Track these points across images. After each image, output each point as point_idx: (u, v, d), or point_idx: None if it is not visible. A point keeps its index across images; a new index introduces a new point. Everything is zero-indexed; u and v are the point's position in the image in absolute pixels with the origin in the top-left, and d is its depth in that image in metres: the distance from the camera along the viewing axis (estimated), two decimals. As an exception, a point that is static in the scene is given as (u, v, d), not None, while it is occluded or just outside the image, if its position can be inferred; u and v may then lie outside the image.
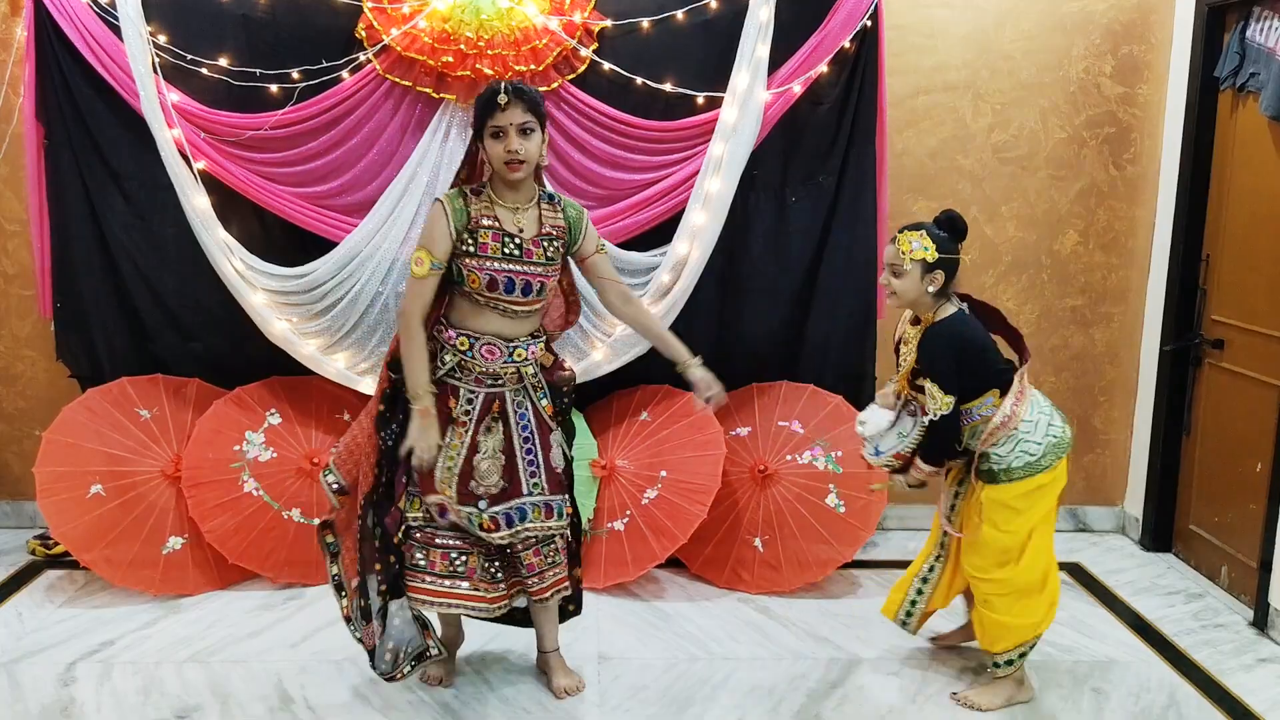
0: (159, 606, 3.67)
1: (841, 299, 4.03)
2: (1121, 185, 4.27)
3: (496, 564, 3.03)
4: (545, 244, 2.90)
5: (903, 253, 2.91)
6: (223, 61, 3.74)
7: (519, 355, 2.92)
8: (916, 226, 2.95)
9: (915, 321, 3.05)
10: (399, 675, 2.97)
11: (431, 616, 3.07)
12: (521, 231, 2.86)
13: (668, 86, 3.82)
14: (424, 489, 2.92)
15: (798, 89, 3.82)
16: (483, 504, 2.93)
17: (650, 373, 4.03)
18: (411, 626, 2.98)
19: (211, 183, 3.74)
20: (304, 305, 3.83)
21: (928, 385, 2.92)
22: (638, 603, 3.77)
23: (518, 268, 2.85)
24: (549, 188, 2.98)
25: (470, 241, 2.82)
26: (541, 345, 3.00)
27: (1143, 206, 4.28)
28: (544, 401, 3.00)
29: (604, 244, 3.08)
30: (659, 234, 3.90)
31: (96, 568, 3.67)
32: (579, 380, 3.90)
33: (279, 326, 3.80)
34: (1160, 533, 4.29)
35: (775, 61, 3.80)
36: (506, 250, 2.84)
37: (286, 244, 3.86)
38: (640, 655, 3.39)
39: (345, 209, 3.84)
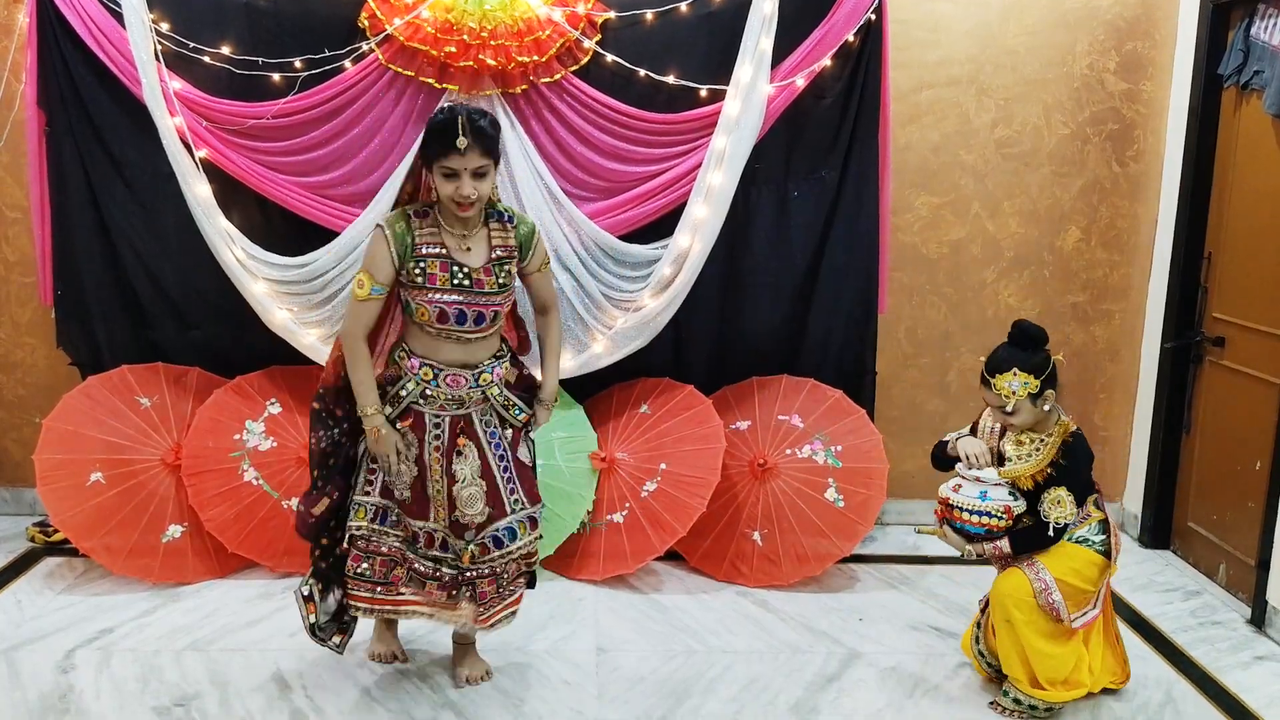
0: (158, 594, 3.68)
1: (843, 294, 4.03)
2: (1124, 182, 4.27)
3: (445, 574, 2.97)
4: (496, 270, 2.82)
5: (1005, 398, 2.88)
6: (225, 50, 3.73)
7: (484, 380, 2.88)
8: (1004, 364, 2.89)
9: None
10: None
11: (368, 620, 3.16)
12: (470, 259, 2.80)
13: (671, 79, 3.81)
14: (412, 514, 2.92)
15: (801, 83, 3.81)
16: (469, 534, 2.91)
17: (650, 366, 4.03)
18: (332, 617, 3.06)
19: (213, 171, 3.73)
20: (305, 295, 3.83)
21: (1059, 493, 2.91)
22: (636, 595, 3.77)
23: (468, 298, 2.78)
24: (499, 203, 2.92)
25: (418, 272, 2.76)
26: (506, 364, 2.96)
27: (1145, 204, 4.28)
28: (517, 414, 2.97)
29: (548, 261, 3.03)
30: (661, 227, 3.89)
31: (96, 555, 3.67)
32: (579, 373, 3.92)
33: (280, 316, 3.80)
34: (1159, 530, 4.30)
35: (779, 55, 3.79)
36: (456, 280, 2.77)
37: (288, 233, 3.86)
38: (638, 647, 3.39)
39: (347, 199, 3.84)
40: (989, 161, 4.22)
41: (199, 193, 3.70)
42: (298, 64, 3.73)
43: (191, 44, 3.70)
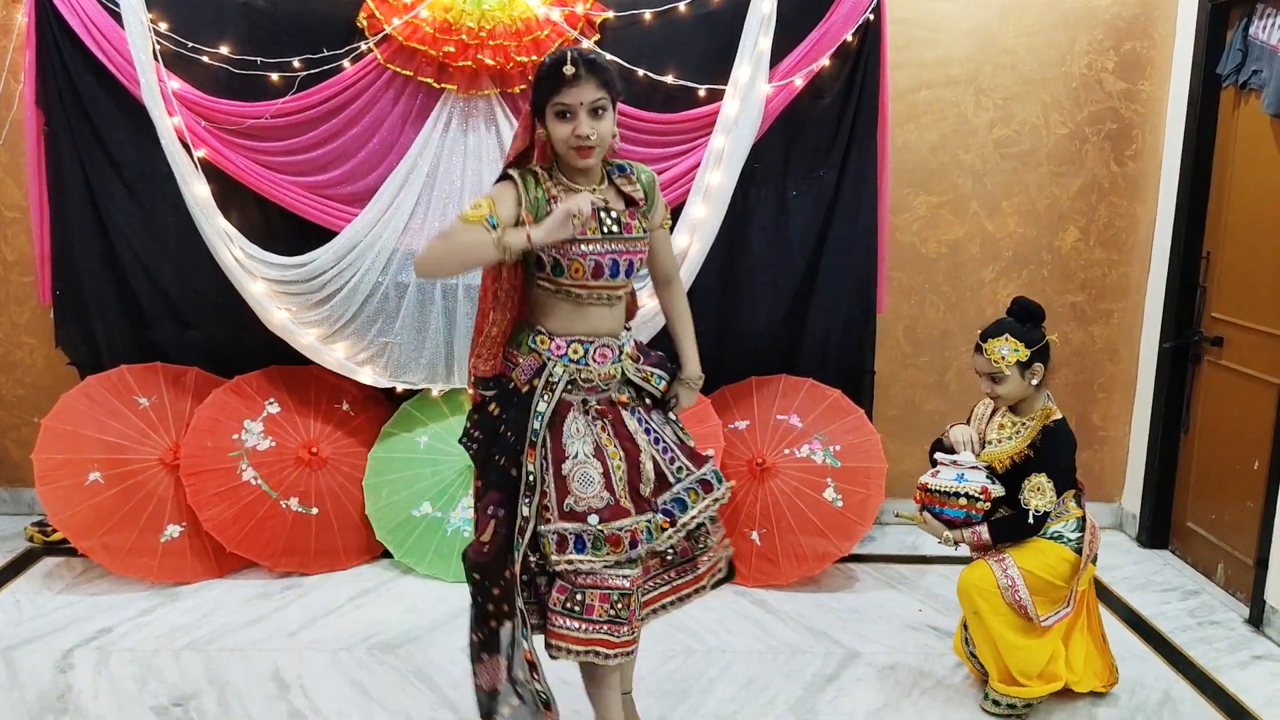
0: (157, 594, 3.68)
1: (841, 293, 4.03)
2: (1123, 181, 4.27)
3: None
4: (639, 214, 2.50)
5: (994, 362, 2.90)
6: (224, 49, 3.73)
7: (625, 353, 2.54)
8: (996, 330, 2.92)
9: (1011, 409, 3.04)
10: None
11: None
12: (609, 205, 2.45)
13: (669, 78, 3.81)
14: (614, 516, 2.44)
15: (799, 82, 3.81)
16: (654, 504, 2.53)
17: (649, 365, 4.03)
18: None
19: (212, 171, 3.73)
20: (303, 294, 3.83)
21: (1039, 480, 2.91)
22: (635, 595, 3.77)
23: (621, 246, 2.43)
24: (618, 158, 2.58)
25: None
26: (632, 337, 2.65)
27: (1144, 203, 4.28)
28: (658, 382, 2.62)
29: (669, 218, 2.68)
30: (659, 226, 3.89)
31: (94, 555, 3.67)
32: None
33: (278, 315, 3.80)
34: (1157, 529, 4.30)
35: (777, 54, 3.79)
36: (607, 229, 2.42)
37: (286, 233, 3.86)
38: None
39: (345, 198, 3.84)
40: (987, 161, 4.22)
41: (197, 192, 3.70)
42: (296, 64, 3.73)
43: (190, 44, 3.70)
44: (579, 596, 2.44)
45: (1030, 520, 2.91)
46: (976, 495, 2.94)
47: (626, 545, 2.44)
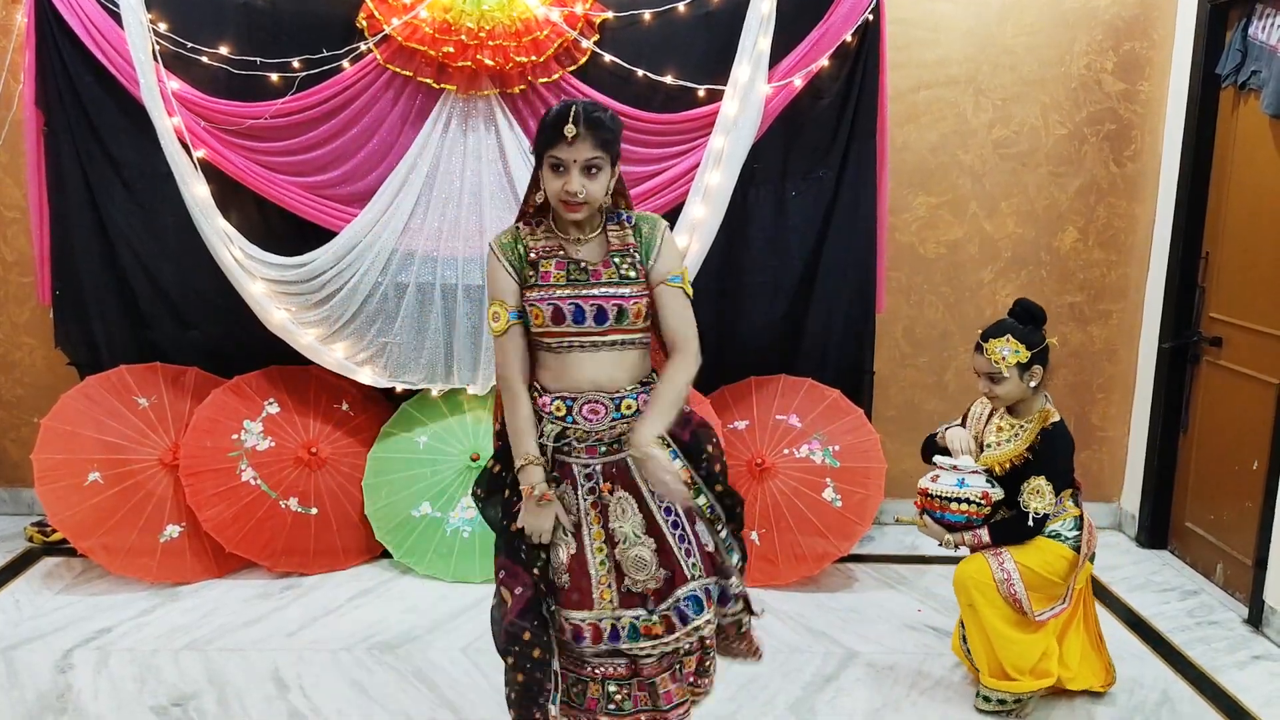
0: (156, 594, 3.68)
1: (841, 293, 4.04)
2: (1122, 182, 4.27)
3: (623, 691, 2.46)
4: (616, 260, 2.38)
5: (995, 362, 2.91)
6: (223, 50, 3.73)
7: (626, 408, 2.36)
8: (998, 330, 2.94)
9: (1009, 410, 3.04)
10: None
11: None
12: (585, 251, 2.39)
13: (669, 79, 3.81)
14: (567, 603, 2.38)
15: (799, 83, 3.81)
16: (650, 602, 2.38)
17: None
18: None
19: (211, 171, 3.74)
20: (303, 295, 3.83)
21: (1038, 482, 2.92)
22: (634, 595, 3.77)
23: (584, 291, 2.34)
24: (622, 206, 2.49)
25: (532, 275, 2.36)
26: None
27: (1143, 203, 4.28)
28: (674, 455, 2.40)
29: (680, 272, 2.42)
30: (658, 227, 3.89)
31: (94, 555, 3.67)
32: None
33: (278, 316, 3.80)
34: (1156, 530, 4.30)
35: (776, 55, 3.79)
36: (571, 276, 2.36)
37: (286, 233, 3.87)
38: (636, 647, 3.39)
39: (345, 199, 3.84)
40: (986, 161, 4.22)
41: (197, 193, 3.70)
42: (296, 64, 3.73)
43: (189, 44, 3.71)
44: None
45: (1030, 523, 2.92)
46: (977, 500, 2.96)
47: (570, 638, 2.39)
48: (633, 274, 2.38)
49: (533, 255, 2.37)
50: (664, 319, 2.42)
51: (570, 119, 2.25)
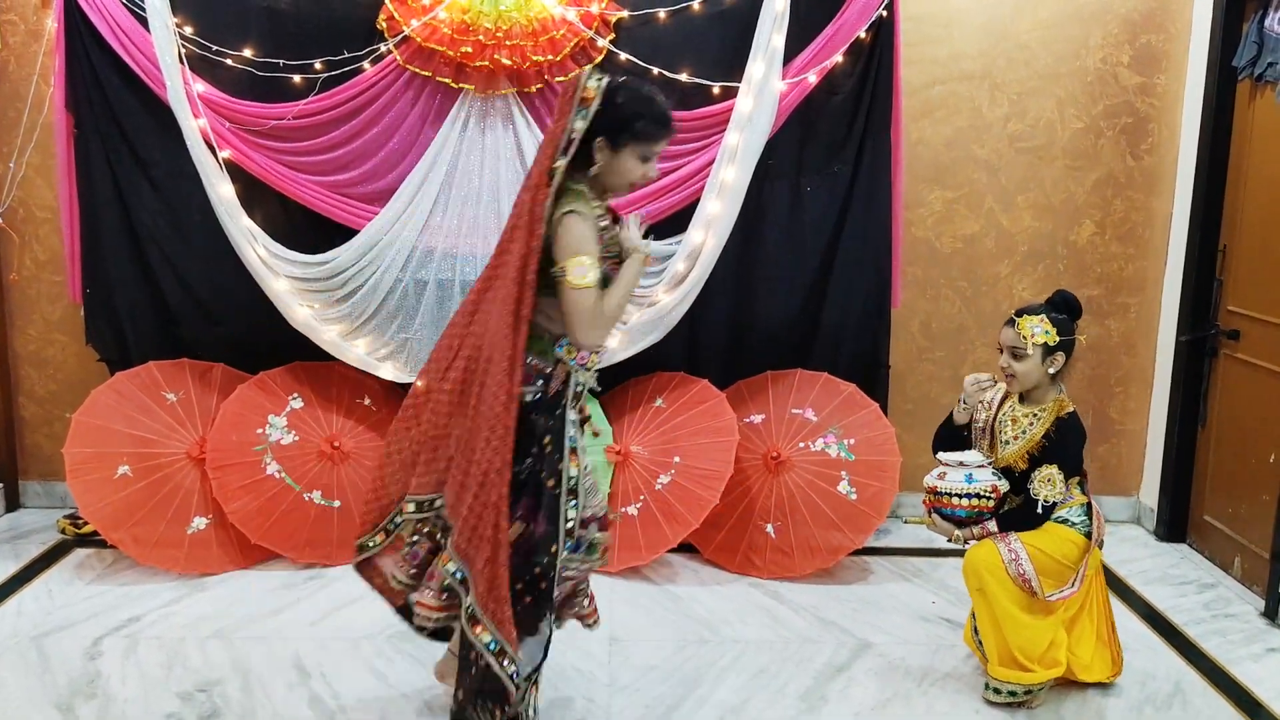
0: (184, 584, 3.76)
1: (856, 288, 4.06)
2: (1139, 175, 4.26)
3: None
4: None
5: (1024, 336, 2.94)
6: (247, 52, 3.81)
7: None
8: (1034, 309, 2.98)
9: (1021, 399, 3.07)
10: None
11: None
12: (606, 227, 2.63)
13: (684, 76, 3.85)
14: (607, 525, 2.77)
15: (813, 79, 3.84)
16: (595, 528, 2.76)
17: (665, 360, 4.08)
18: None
19: (236, 171, 3.81)
20: (325, 292, 3.90)
21: (1049, 470, 2.94)
22: (650, 586, 3.82)
23: (609, 259, 2.60)
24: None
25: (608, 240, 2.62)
26: None
27: (1160, 197, 4.27)
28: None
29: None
30: (674, 223, 3.93)
31: (124, 546, 3.76)
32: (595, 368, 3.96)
33: (301, 313, 3.88)
34: (1175, 523, 4.29)
35: (791, 51, 3.82)
36: (609, 247, 2.61)
37: (308, 232, 3.93)
38: (652, 637, 3.44)
39: (366, 197, 3.90)
40: (1002, 156, 4.23)
41: (222, 192, 3.78)
42: (318, 65, 3.80)
43: (214, 47, 3.78)
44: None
45: (1039, 510, 2.94)
46: (986, 494, 2.98)
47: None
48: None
49: (602, 225, 2.59)
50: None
51: (671, 120, 2.57)
